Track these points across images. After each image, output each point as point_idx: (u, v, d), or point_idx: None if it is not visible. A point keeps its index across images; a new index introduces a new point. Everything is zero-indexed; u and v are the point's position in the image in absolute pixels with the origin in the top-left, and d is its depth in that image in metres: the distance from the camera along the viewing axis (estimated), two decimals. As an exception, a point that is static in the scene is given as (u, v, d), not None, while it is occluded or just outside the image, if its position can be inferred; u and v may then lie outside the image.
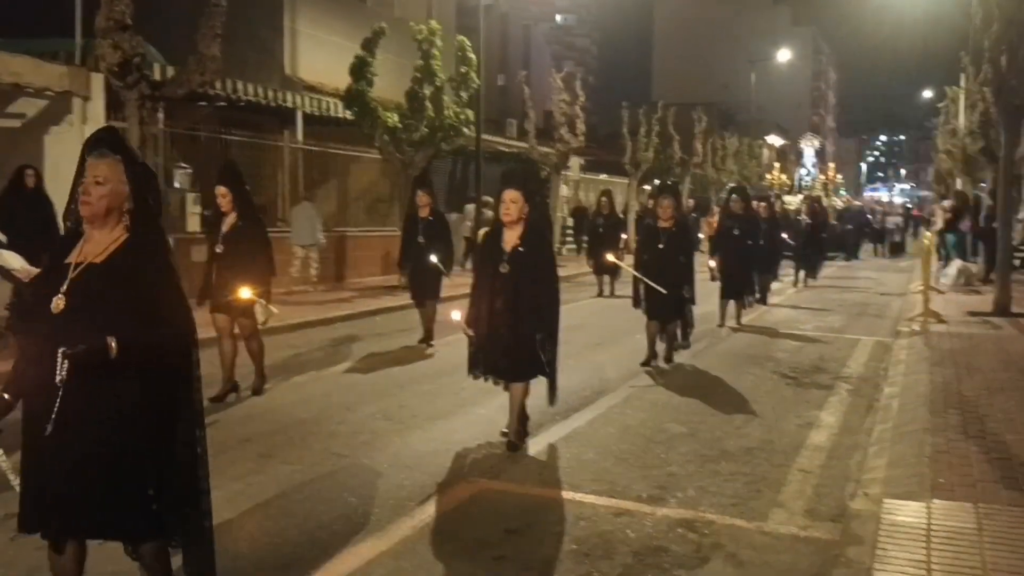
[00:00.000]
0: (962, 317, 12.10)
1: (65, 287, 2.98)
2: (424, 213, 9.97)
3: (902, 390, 7.53)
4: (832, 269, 23.44)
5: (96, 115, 12.51)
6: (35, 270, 9.09)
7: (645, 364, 8.88)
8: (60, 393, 2.87)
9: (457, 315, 6.03)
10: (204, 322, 7.44)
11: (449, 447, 6.03)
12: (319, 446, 6.05)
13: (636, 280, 9.00)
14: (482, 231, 6.43)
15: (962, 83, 24.15)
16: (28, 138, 12.32)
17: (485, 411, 7.06)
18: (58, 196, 10.84)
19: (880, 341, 10.99)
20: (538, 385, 6.10)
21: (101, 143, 3.12)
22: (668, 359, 9.06)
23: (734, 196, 12.35)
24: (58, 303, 2.96)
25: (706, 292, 11.87)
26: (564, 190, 28.33)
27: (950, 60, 23.94)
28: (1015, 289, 12.85)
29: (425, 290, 10.08)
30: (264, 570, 4.02)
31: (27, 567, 4.02)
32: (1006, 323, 11.50)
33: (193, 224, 14.24)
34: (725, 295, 11.77)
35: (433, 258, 9.76)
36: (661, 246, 8.70)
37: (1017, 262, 17.80)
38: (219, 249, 7.17)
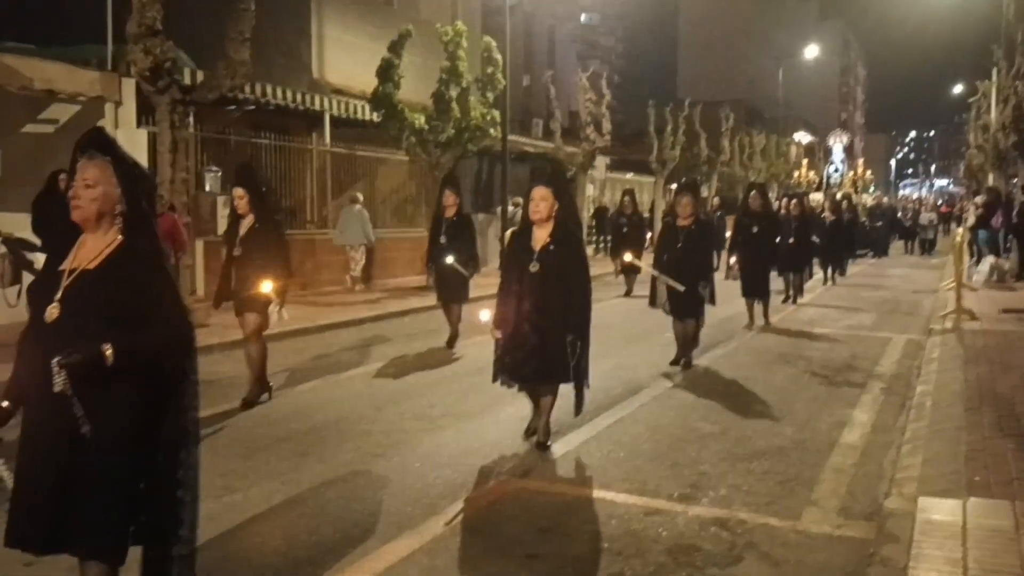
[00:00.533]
0: (996, 314, 11.95)
1: (59, 295, 2.90)
2: (449, 213, 9.88)
3: (936, 388, 7.46)
4: (862, 267, 23.24)
5: (128, 120, 12.68)
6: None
7: (675, 363, 8.88)
8: (74, 399, 2.79)
9: (486, 315, 5.90)
10: (226, 324, 7.53)
11: (480, 446, 6.05)
12: (352, 445, 6.10)
13: (654, 279, 8.90)
14: (509, 231, 6.38)
15: (994, 77, 23.84)
16: (61, 144, 12.49)
17: (515, 410, 7.06)
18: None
19: (912, 339, 10.88)
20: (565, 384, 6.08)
21: (90, 144, 2.99)
22: (687, 364, 8.96)
23: (753, 193, 12.01)
24: (52, 311, 2.88)
25: (731, 293, 11.81)
26: (590, 190, 28.30)
27: (980, 53, 23.67)
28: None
29: (450, 292, 9.98)
30: (300, 566, 4.06)
31: (68, 565, 4.08)
32: (1041, 320, 11.35)
33: (224, 227, 14.38)
34: (746, 294, 11.57)
35: (449, 259, 9.64)
36: (680, 245, 8.64)
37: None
38: (237, 252, 7.12)
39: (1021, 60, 12.84)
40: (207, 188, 14.45)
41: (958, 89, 48.30)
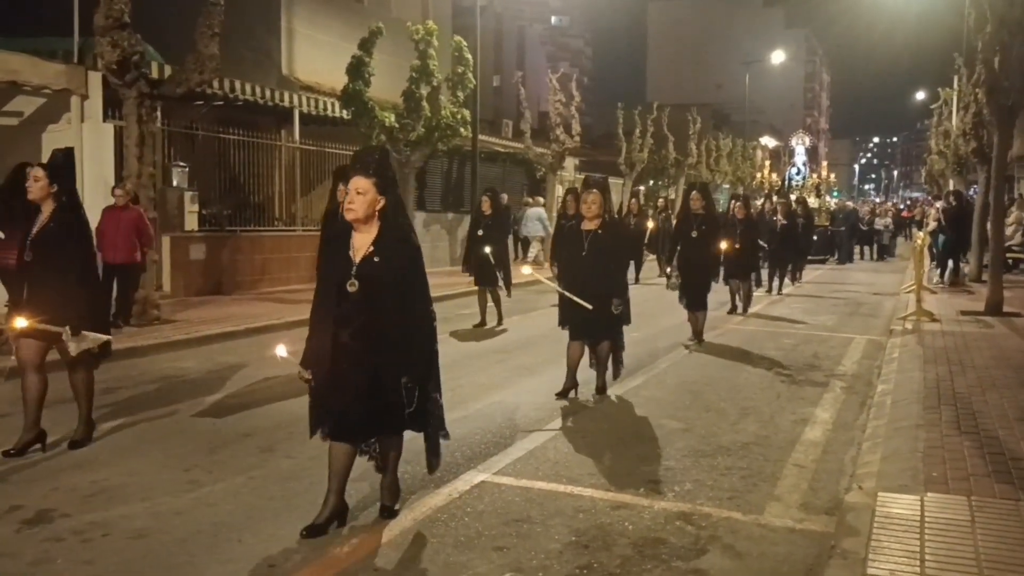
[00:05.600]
0: (955, 316, 12.20)
1: None
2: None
3: (896, 387, 7.61)
4: (822, 271, 23.54)
5: (94, 113, 12.54)
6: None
7: (561, 396, 7.45)
8: None
9: (283, 351, 4.42)
10: (191, 320, 7.47)
11: (447, 441, 6.06)
12: (319, 441, 6.07)
13: (561, 294, 7.52)
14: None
15: (955, 84, 24.28)
16: (26, 136, 12.34)
17: (482, 406, 7.16)
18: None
19: (873, 339, 11.07)
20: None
21: None
22: (600, 389, 7.64)
23: (694, 193, 10.53)
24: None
25: (669, 305, 11.67)
26: (559, 191, 28.41)
27: (943, 61, 24.09)
28: (1007, 289, 12.94)
29: None
30: (267, 560, 4.06)
31: (32, 558, 4.07)
32: (998, 322, 11.61)
33: (191, 222, 14.29)
34: (685, 306, 10.43)
35: None
36: (584, 253, 7.26)
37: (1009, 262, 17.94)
38: (27, 257, 5.63)
39: (981, 68, 13.11)
40: (174, 183, 14.35)
41: (921, 96, 49.09)
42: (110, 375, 8.35)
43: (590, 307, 7.07)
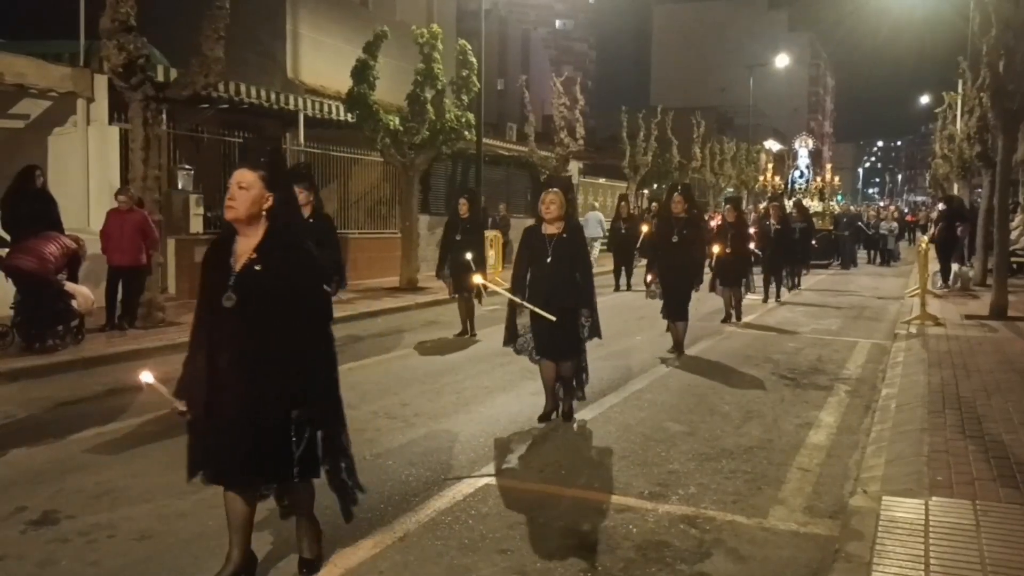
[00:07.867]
0: (959, 320, 12.18)
1: None
2: (305, 213, 7.99)
3: (900, 391, 7.60)
4: (826, 276, 23.50)
5: (100, 116, 12.60)
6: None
7: (544, 419, 6.75)
8: None
9: (149, 377, 3.63)
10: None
11: (452, 444, 6.09)
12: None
13: (513, 306, 6.71)
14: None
15: (959, 88, 24.26)
16: (32, 139, 12.40)
17: (487, 409, 7.16)
18: (61, 196, 10.92)
19: (878, 343, 11.06)
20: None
21: None
22: (567, 415, 6.84)
23: (676, 196, 9.88)
24: None
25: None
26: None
27: (948, 65, 24.07)
28: (1011, 293, 12.92)
29: None
30: (272, 562, 4.07)
31: (38, 559, 4.08)
32: (1002, 326, 11.58)
33: (196, 225, 14.32)
34: (667, 316, 9.91)
35: None
36: (549, 259, 6.52)
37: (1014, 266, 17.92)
38: None
39: (985, 71, 13.10)
40: (179, 186, 14.39)
41: (925, 100, 49.05)
42: (114, 377, 8.38)
43: (553, 319, 6.33)
